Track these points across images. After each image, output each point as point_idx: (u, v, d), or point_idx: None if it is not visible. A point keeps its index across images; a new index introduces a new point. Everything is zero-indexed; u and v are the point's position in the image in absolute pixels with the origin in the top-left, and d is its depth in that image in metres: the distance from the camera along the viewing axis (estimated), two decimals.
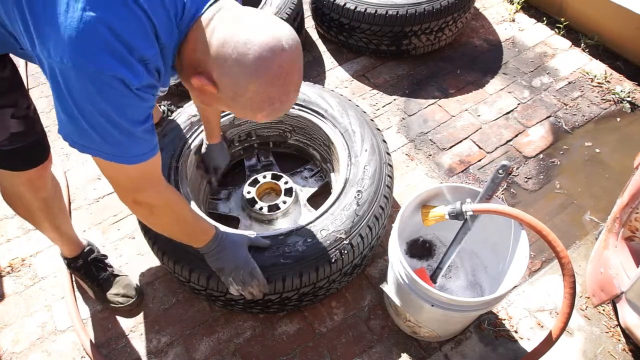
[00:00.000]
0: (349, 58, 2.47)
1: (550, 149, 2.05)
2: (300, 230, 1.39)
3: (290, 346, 1.53)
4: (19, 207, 1.35)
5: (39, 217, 1.39)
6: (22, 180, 1.24)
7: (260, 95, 0.88)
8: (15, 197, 1.30)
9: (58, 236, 1.50)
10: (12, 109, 1.09)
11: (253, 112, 0.92)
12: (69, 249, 1.57)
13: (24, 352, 1.55)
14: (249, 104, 0.90)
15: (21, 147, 1.15)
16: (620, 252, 1.48)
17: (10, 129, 1.10)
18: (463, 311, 1.24)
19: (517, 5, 2.67)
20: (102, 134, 0.86)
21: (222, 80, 0.87)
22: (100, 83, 0.80)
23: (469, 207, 1.30)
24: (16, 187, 1.26)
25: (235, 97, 0.89)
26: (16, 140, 1.12)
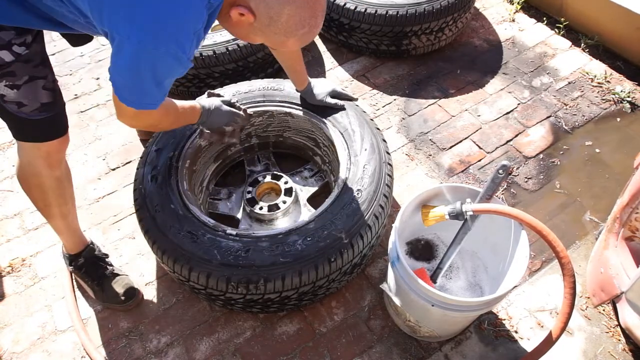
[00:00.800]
0: (349, 58, 2.47)
1: (551, 149, 2.05)
2: (299, 229, 1.39)
3: (290, 346, 1.53)
4: (34, 187, 1.38)
5: (50, 200, 1.41)
6: (42, 153, 1.29)
7: (293, 19, 0.97)
8: (31, 175, 1.35)
9: (65, 226, 1.52)
10: (43, 80, 1.18)
11: (286, 36, 1.01)
12: (72, 244, 1.58)
13: (24, 352, 1.55)
14: (283, 28, 0.99)
15: (48, 118, 1.22)
16: (621, 252, 1.48)
17: (41, 99, 1.19)
18: (463, 311, 1.24)
19: (517, 5, 2.67)
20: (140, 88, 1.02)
21: (259, 8, 0.96)
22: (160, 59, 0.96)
23: (469, 207, 1.30)
24: (34, 161, 1.31)
25: (270, 22, 0.98)
26: (45, 111, 1.21)
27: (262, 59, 2.17)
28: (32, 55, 1.13)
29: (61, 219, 1.48)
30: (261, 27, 1.00)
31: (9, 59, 1.08)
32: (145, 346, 1.55)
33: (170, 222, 1.42)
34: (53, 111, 1.23)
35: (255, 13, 0.96)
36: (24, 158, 1.32)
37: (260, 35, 1.03)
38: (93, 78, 2.45)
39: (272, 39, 1.03)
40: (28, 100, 1.16)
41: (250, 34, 1.04)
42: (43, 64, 1.17)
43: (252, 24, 0.99)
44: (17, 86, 1.13)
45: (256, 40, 1.08)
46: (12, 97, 1.14)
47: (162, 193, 1.48)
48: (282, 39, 1.02)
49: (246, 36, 1.07)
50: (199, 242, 1.37)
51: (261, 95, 1.75)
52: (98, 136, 2.18)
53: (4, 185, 2.01)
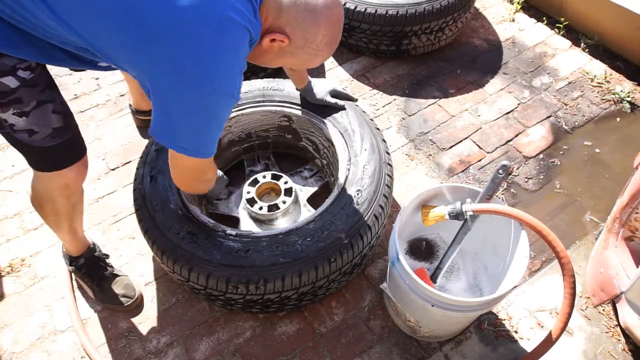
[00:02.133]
0: (349, 58, 2.47)
1: (550, 149, 2.05)
2: (299, 229, 1.39)
3: (290, 346, 1.53)
4: (49, 213, 1.36)
5: (63, 222, 1.41)
6: (59, 185, 1.26)
7: (325, 39, 1.03)
8: (47, 202, 1.32)
9: (71, 237, 1.51)
10: (52, 104, 1.13)
11: (316, 56, 1.07)
12: (75, 248, 1.58)
13: (24, 352, 1.55)
14: (316, 49, 1.04)
15: (62, 142, 1.18)
16: (620, 252, 1.48)
17: (52, 124, 1.14)
18: (463, 311, 1.24)
19: (517, 5, 2.67)
20: (209, 133, 1.04)
21: (294, 32, 1.00)
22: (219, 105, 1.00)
23: (469, 207, 1.30)
24: (51, 191, 1.28)
25: (305, 44, 1.03)
26: (58, 136, 1.16)
27: None
28: (37, 79, 1.08)
29: (69, 233, 1.48)
30: (293, 50, 1.04)
31: (15, 85, 1.03)
32: (145, 346, 1.55)
33: (170, 222, 1.41)
34: (66, 135, 1.19)
35: (291, 37, 1.00)
36: (39, 185, 1.29)
37: (289, 57, 1.07)
38: (93, 78, 2.45)
39: (303, 58, 1.08)
40: (39, 127, 1.11)
41: (278, 57, 1.08)
42: (49, 87, 1.13)
43: (283, 48, 1.03)
44: (26, 113, 1.08)
45: (279, 64, 1.11)
46: (22, 125, 1.09)
47: (162, 193, 1.48)
48: (311, 58, 1.08)
49: (271, 61, 1.10)
50: (199, 242, 1.37)
51: (261, 95, 1.75)
52: (98, 136, 2.18)
53: (4, 185, 2.01)
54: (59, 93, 1.18)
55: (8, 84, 1.02)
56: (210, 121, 1.01)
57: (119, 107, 2.30)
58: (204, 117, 0.99)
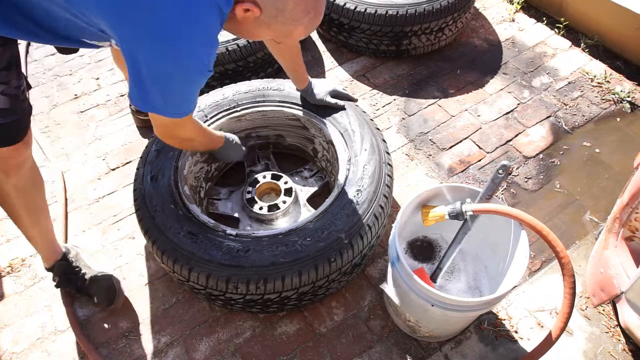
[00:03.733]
0: (349, 58, 2.47)
1: (550, 149, 2.05)
2: (299, 229, 1.39)
3: (290, 346, 1.53)
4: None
5: (13, 207, 1.37)
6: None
7: (299, 6, 0.99)
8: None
9: (35, 236, 1.48)
10: (4, 85, 1.12)
11: (294, 25, 1.03)
12: (45, 256, 1.55)
13: (24, 352, 1.55)
14: (290, 17, 1.01)
15: (3, 124, 1.17)
16: (620, 252, 1.48)
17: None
18: (463, 311, 1.24)
19: (517, 5, 2.67)
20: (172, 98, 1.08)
21: (264, 1, 0.98)
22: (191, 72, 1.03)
23: (468, 207, 1.30)
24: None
25: (277, 13, 1.00)
26: (0, 117, 1.15)
27: (261, 59, 2.17)
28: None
29: (31, 227, 1.44)
30: (267, 20, 1.01)
31: None
32: (145, 346, 1.55)
33: (170, 222, 1.42)
34: (8, 119, 1.17)
35: (261, 6, 0.98)
36: None
37: (265, 28, 1.04)
38: (93, 78, 2.45)
39: (279, 29, 1.04)
40: None
41: (256, 29, 1.05)
42: (7, 69, 1.12)
43: (258, 18, 1.01)
44: None
45: (261, 35, 1.09)
46: None
47: (162, 193, 1.48)
48: (289, 28, 1.04)
49: (250, 33, 1.07)
50: (199, 242, 1.37)
51: (261, 95, 1.75)
52: (98, 136, 2.18)
53: None
54: (18, 76, 1.17)
55: None
56: (181, 91, 1.07)
57: (119, 107, 2.30)
58: (175, 88, 1.04)
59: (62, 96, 2.37)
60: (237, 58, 2.08)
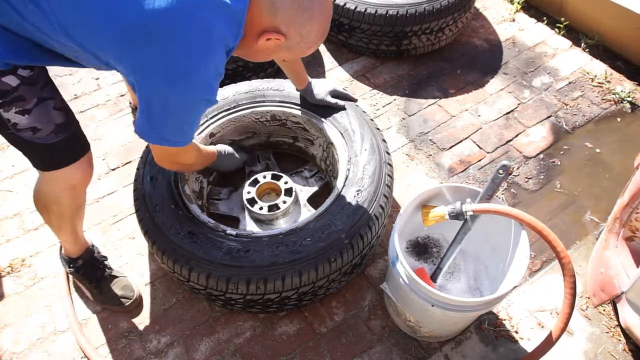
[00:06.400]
0: (349, 58, 2.47)
1: (551, 149, 2.05)
2: (299, 229, 1.39)
3: (290, 346, 1.53)
4: (53, 214, 1.37)
5: (65, 223, 1.41)
6: (66, 186, 1.27)
7: (320, 33, 1.06)
8: (53, 204, 1.33)
9: (72, 239, 1.51)
10: (53, 101, 1.16)
11: (309, 48, 1.09)
12: (75, 249, 1.57)
13: (24, 352, 1.55)
14: (310, 42, 1.06)
15: (66, 138, 1.20)
16: (621, 252, 1.48)
17: (55, 120, 1.16)
18: (463, 311, 1.24)
19: (517, 5, 2.67)
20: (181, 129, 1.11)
21: (289, 30, 1.01)
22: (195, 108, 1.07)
23: (469, 207, 1.30)
24: (58, 192, 1.29)
25: (301, 40, 1.04)
26: (61, 131, 1.18)
27: None
28: (37, 77, 1.11)
29: (70, 234, 1.48)
30: (289, 46, 1.05)
31: (15, 83, 1.06)
32: (145, 346, 1.55)
33: (170, 222, 1.41)
34: (69, 131, 1.20)
35: (287, 35, 1.01)
36: (46, 186, 1.30)
37: (284, 52, 1.09)
38: (93, 78, 2.45)
39: (296, 52, 1.09)
40: (41, 124, 1.13)
41: (273, 54, 1.10)
42: (48, 85, 1.16)
43: (280, 45, 1.04)
44: (28, 110, 1.10)
45: (275, 57, 1.13)
46: (25, 123, 1.11)
47: (162, 193, 1.48)
48: (305, 50, 1.09)
49: (266, 56, 1.11)
50: (199, 242, 1.37)
51: (261, 95, 1.75)
52: (98, 136, 2.18)
53: (4, 185, 2.01)
54: (57, 90, 1.20)
55: (9, 83, 1.05)
56: (184, 121, 1.08)
57: (119, 107, 2.30)
58: (179, 117, 1.05)
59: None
60: (237, 58, 2.08)
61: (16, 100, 1.08)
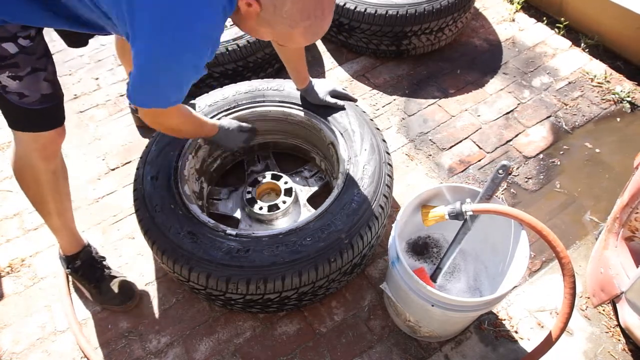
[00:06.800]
0: (349, 58, 2.47)
1: (551, 149, 2.05)
2: (299, 229, 1.39)
3: (290, 346, 1.53)
4: (30, 180, 1.38)
5: (46, 195, 1.41)
6: (38, 146, 1.30)
7: (296, 6, 0.99)
8: (27, 167, 1.35)
9: (61, 224, 1.51)
10: (44, 72, 1.20)
11: (291, 27, 1.03)
12: (69, 244, 1.57)
13: (24, 352, 1.55)
14: (287, 17, 1.01)
15: (48, 108, 1.25)
16: (621, 252, 1.48)
17: (42, 90, 1.21)
18: (463, 311, 1.24)
19: (517, 5, 2.67)
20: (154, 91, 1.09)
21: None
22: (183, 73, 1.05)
23: (468, 207, 1.30)
24: (30, 153, 1.31)
25: (274, 10, 1.00)
26: (45, 101, 1.23)
27: (261, 59, 2.17)
28: (35, 48, 1.15)
29: (57, 216, 1.48)
30: (267, 17, 1.02)
31: (14, 51, 1.10)
32: (144, 346, 1.55)
33: (170, 222, 1.41)
34: (53, 102, 1.25)
35: (261, 2, 0.99)
36: (19, 149, 1.33)
37: (266, 26, 1.05)
38: (92, 78, 2.45)
39: (278, 30, 1.05)
40: (30, 91, 1.18)
41: (258, 26, 1.07)
42: (45, 56, 1.20)
43: (259, 15, 1.02)
44: (20, 77, 1.15)
45: (263, 34, 1.10)
46: (14, 87, 1.16)
47: (162, 193, 1.48)
48: (287, 30, 1.04)
49: (254, 29, 1.09)
50: (199, 242, 1.37)
51: (261, 95, 1.75)
52: (97, 136, 2.18)
53: (4, 185, 2.01)
54: (52, 63, 1.24)
55: (8, 49, 1.10)
56: (170, 83, 1.08)
57: (118, 107, 2.30)
58: (165, 79, 1.06)
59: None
60: (237, 58, 2.08)
61: (11, 66, 1.12)
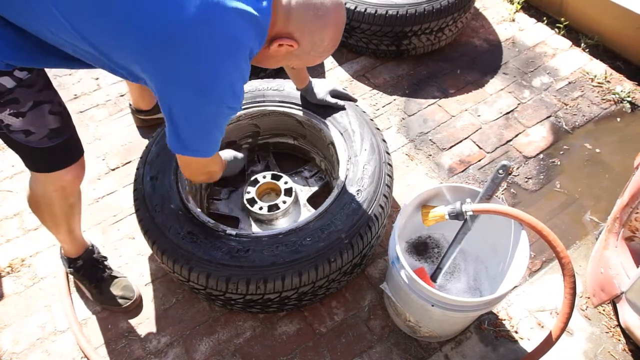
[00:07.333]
0: (349, 58, 2.47)
1: (551, 149, 2.05)
2: (299, 229, 1.39)
3: (290, 346, 1.53)
4: (46, 215, 1.37)
5: (60, 222, 1.41)
6: (56, 187, 1.27)
7: (332, 42, 1.08)
8: (44, 204, 1.33)
9: (70, 239, 1.51)
10: (49, 105, 1.13)
11: (320, 57, 1.12)
12: (74, 249, 1.57)
13: (24, 352, 1.55)
14: (322, 51, 1.09)
15: (59, 144, 1.18)
16: (621, 252, 1.48)
17: (49, 125, 1.14)
18: (463, 311, 1.24)
19: (517, 5, 2.67)
20: (209, 138, 1.11)
21: (303, 37, 1.04)
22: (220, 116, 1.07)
23: (468, 207, 1.30)
24: (48, 193, 1.28)
25: (313, 47, 1.07)
26: (55, 137, 1.16)
27: None
28: (35, 79, 1.08)
29: (67, 234, 1.48)
30: (301, 53, 1.07)
31: (11, 85, 1.03)
32: (144, 346, 1.55)
33: (170, 222, 1.41)
34: (64, 136, 1.19)
35: (299, 42, 1.03)
36: (36, 188, 1.29)
37: (294, 59, 1.11)
38: (92, 78, 2.45)
39: (307, 60, 1.11)
40: (35, 127, 1.11)
41: (283, 60, 1.11)
42: (47, 88, 1.13)
43: (291, 52, 1.06)
44: (22, 114, 1.08)
45: (284, 63, 1.14)
46: (18, 125, 1.09)
47: (162, 193, 1.48)
48: (316, 58, 1.11)
49: (276, 63, 1.12)
50: (199, 242, 1.37)
51: (261, 95, 1.75)
52: (97, 136, 2.18)
53: (4, 185, 2.01)
54: (56, 94, 1.18)
55: (5, 84, 1.02)
56: (211, 130, 1.09)
57: (119, 107, 2.30)
58: (206, 127, 1.07)
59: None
60: None
61: (11, 102, 1.05)
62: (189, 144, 1.08)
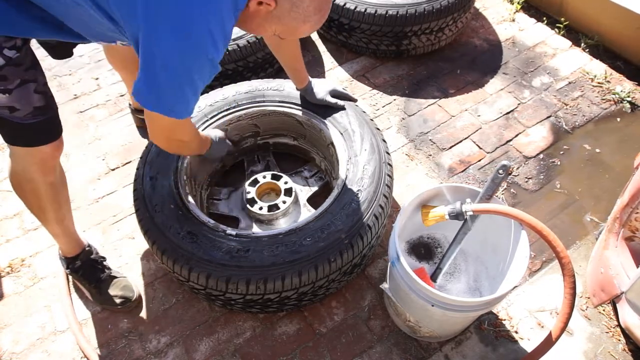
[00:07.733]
0: (349, 58, 2.47)
1: (551, 149, 2.05)
2: (299, 229, 1.39)
3: (290, 346, 1.53)
4: (28, 192, 1.37)
5: (45, 205, 1.40)
6: (35, 160, 1.28)
7: (313, 5, 1.00)
8: (25, 181, 1.33)
9: (61, 231, 1.51)
10: (34, 84, 1.17)
11: (303, 22, 1.03)
12: (69, 247, 1.57)
13: (24, 352, 1.55)
14: (302, 14, 1.01)
15: (42, 121, 1.21)
16: (621, 252, 1.48)
17: (34, 103, 1.17)
18: (463, 311, 1.24)
19: (517, 5, 2.67)
20: (178, 95, 1.04)
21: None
22: (198, 68, 1.01)
23: (468, 207, 1.30)
24: (28, 167, 1.29)
25: (292, 7, 1.00)
26: (38, 114, 1.19)
27: (261, 59, 2.17)
28: (23, 59, 1.12)
29: (57, 223, 1.47)
30: (280, 14, 1.01)
31: (0, 63, 1.07)
32: (144, 346, 1.55)
33: (170, 222, 1.41)
34: (46, 115, 1.22)
35: (277, 0, 0.98)
36: (17, 164, 1.31)
37: (275, 22, 1.04)
38: (92, 78, 2.45)
39: (288, 25, 1.04)
40: (20, 104, 1.15)
41: (265, 22, 1.04)
42: (34, 67, 1.16)
43: (271, 12, 1.00)
44: (9, 90, 1.11)
45: (268, 30, 1.08)
46: (4, 102, 1.12)
47: (162, 193, 1.48)
48: (298, 25, 1.04)
49: (258, 26, 1.07)
50: (199, 242, 1.37)
51: (261, 95, 1.75)
52: (97, 136, 2.18)
53: (4, 185, 2.01)
54: (42, 74, 1.20)
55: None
56: (187, 82, 1.03)
57: (119, 107, 2.30)
58: (182, 77, 1.01)
59: (62, 96, 2.36)
60: (237, 58, 2.08)
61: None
62: (161, 96, 1.03)
